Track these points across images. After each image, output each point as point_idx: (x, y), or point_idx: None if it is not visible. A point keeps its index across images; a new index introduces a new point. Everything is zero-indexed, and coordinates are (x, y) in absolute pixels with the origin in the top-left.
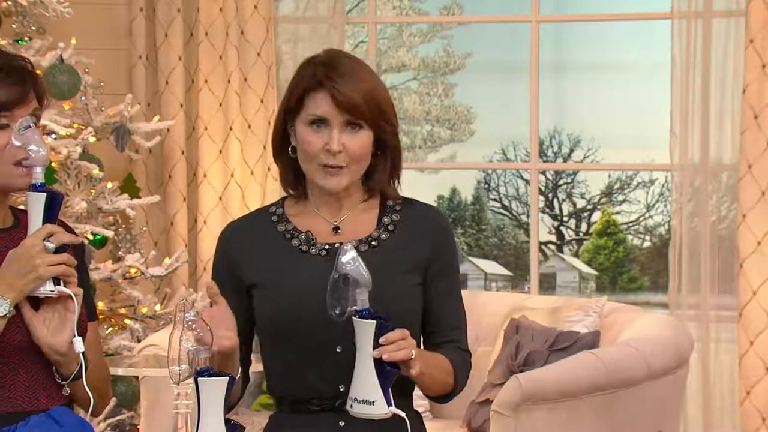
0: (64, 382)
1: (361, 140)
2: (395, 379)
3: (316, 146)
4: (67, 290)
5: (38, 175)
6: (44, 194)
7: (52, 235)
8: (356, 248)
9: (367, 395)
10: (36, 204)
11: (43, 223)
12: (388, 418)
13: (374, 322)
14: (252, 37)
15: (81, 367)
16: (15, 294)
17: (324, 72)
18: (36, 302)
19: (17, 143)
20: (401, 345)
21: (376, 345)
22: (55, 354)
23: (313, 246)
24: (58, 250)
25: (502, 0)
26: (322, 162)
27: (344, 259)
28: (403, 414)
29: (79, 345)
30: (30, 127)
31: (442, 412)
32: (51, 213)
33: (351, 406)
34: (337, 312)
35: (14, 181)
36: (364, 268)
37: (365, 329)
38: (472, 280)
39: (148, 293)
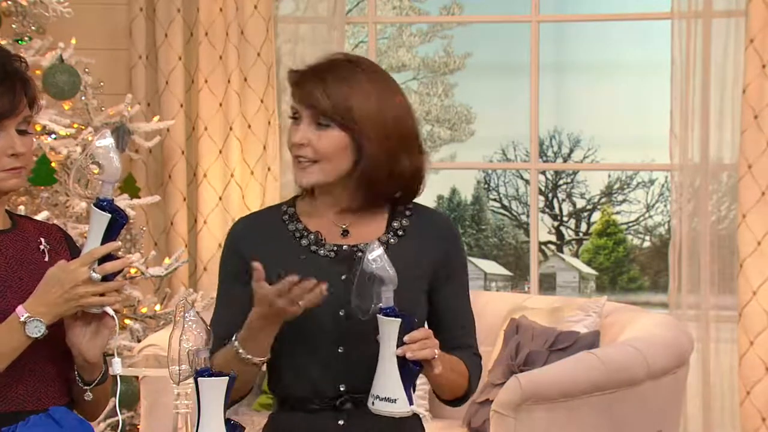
0: (86, 387)
1: (328, 139)
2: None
3: (290, 140)
4: (111, 311)
5: (106, 192)
6: (108, 215)
7: (101, 259)
8: (364, 251)
9: (390, 393)
10: (98, 222)
11: (102, 243)
12: (408, 416)
13: (399, 320)
14: (252, 37)
15: (103, 373)
16: (51, 317)
17: (301, 70)
18: None
19: (93, 157)
20: (425, 344)
21: (400, 343)
22: (83, 360)
23: (322, 247)
24: (106, 276)
25: (502, 0)
26: (294, 154)
27: (371, 256)
28: (424, 412)
29: (117, 366)
30: (108, 142)
31: (442, 412)
32: (111, 234)
33: (372, 403)
34: (362, 309)
35: (2, 184)
36: (391, 265)
37: (390, 327)
38: (472, 280)
39: (148, 293)
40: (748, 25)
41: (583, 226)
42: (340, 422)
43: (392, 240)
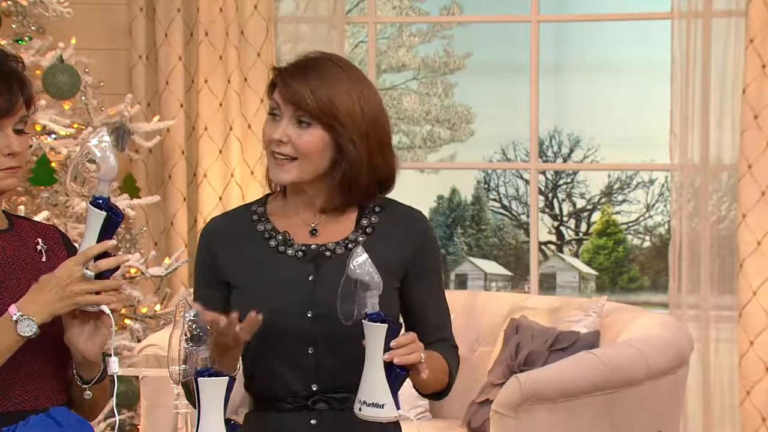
0: (85, 386)
1: (309, 136)
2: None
3: (267, 135)
4: (107, 310)
5: (103, 190)
6: (104, 213)
7: (97, 257)
8: (332, 250)
9: (377, 398)
10: (94, 220)
11: (98, 241)
12: (396, 421)
13: (385, 325)
14: (252, 37)
15: (101, 372)
16: (46, 316)
17: (286, 68)
18: None
19: (89, 154)
20: (412, 348)
21: (387, 348)
22: (82, 358)
23: (290, 247)
24: (101, 274)
25: (502, 0)
26: (271, 150)
27: (356, 262)
28: (412, 417)
29: (114, 366)
30: (104, 140)
31: (442, 412)
32: (106, 232)
33: (360, 409)
34: (347, 315)
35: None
36: (376, 271)
37: (376, 333)
38: (472, 280)
39: (148, 293)
40: (748, 25)
41: (583, 226)
42: (313, 422)
43: (360, 238)
